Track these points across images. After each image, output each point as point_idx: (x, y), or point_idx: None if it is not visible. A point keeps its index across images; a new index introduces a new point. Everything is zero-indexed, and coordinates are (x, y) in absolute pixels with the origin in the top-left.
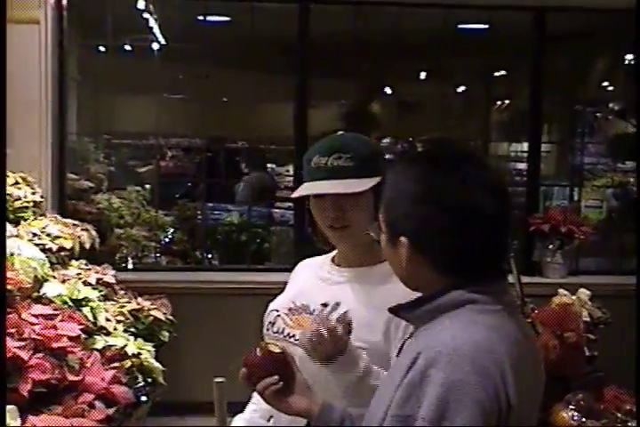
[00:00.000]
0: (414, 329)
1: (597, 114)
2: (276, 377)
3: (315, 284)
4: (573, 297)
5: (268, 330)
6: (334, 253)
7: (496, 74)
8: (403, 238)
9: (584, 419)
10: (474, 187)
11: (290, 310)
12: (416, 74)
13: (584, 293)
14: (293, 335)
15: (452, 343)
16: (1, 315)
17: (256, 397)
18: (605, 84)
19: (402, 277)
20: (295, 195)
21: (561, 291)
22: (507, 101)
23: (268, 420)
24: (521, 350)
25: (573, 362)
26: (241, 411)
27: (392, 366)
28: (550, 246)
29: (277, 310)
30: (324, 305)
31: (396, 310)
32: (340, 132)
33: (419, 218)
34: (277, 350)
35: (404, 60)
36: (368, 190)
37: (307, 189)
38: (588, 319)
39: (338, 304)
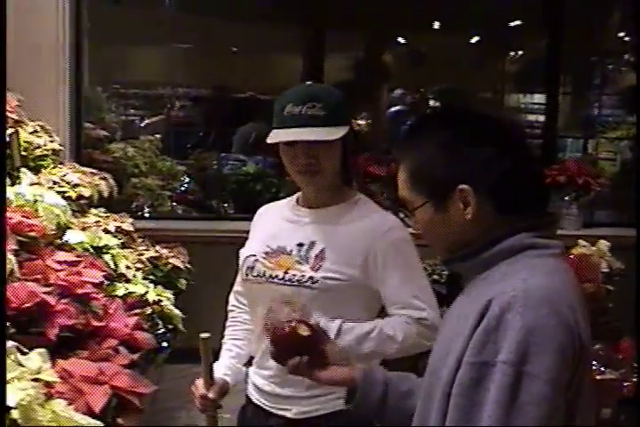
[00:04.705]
0: (465, 281)
1: (609, 66)
2: (306, 357)
3: (284, 226)
4: (593, 248)
5: (247, 275)
6: (297, 195)
7: (511, 24)
8: (464, 186)
9: (603, 368)
10: (517, 130)
11: (267, 253)
12: (429, 24)
13: (604, 244)
14: (276, 276)
15: (524, 287)
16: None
17: (229, 343)
18: (622, 34)
19: (449, 238)
20: (270, 141)
21: (580, 242)
22: (520, 52)
23: (246, 365)
24: (578, 291)
25: (591, 313)
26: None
27: (447, 320)
28: (566, 198)
29: (254, 255)
30: (300, 245)
31: (449, 262)
32: (309, 83)
33: (480, 163)
34: (306, 333)
35: (417, 10)
36: (337, 138)
37: (281, 135)
38: (607, 270)
39: (313, 243)
